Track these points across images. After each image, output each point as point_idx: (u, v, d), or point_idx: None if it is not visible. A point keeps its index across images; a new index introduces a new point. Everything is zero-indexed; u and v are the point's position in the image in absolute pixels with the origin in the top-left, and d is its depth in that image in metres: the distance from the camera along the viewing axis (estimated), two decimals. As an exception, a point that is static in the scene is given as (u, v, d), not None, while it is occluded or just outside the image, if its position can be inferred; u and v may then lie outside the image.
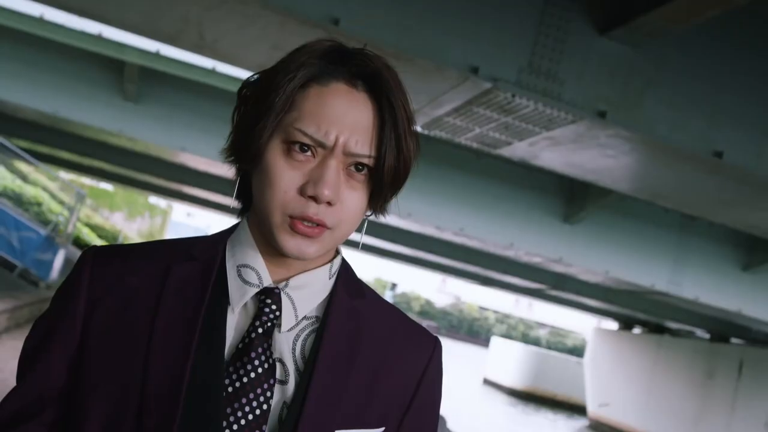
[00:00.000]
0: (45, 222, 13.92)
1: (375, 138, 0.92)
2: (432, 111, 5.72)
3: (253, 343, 0.93)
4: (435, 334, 1.06)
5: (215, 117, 10.49)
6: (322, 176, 0.89)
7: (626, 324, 22.91)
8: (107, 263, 0.98)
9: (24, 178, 16.93)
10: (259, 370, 0.92)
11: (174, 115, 10.64)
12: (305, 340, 0.96)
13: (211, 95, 10.44)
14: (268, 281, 0.96)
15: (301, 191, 0.90)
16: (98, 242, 22.83)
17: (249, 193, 1.00)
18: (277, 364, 0.94)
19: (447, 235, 13.04)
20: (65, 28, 9.43)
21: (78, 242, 19.92)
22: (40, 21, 9.40)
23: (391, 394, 0.99)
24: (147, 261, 0.97)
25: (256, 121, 0.92)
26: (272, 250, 0.96)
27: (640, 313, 18.37)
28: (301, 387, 0.93)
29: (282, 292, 0.96)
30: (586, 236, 12.12)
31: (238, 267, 0.97)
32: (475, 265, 16.08)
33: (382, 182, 0.94)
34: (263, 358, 0.93)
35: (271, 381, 0.93)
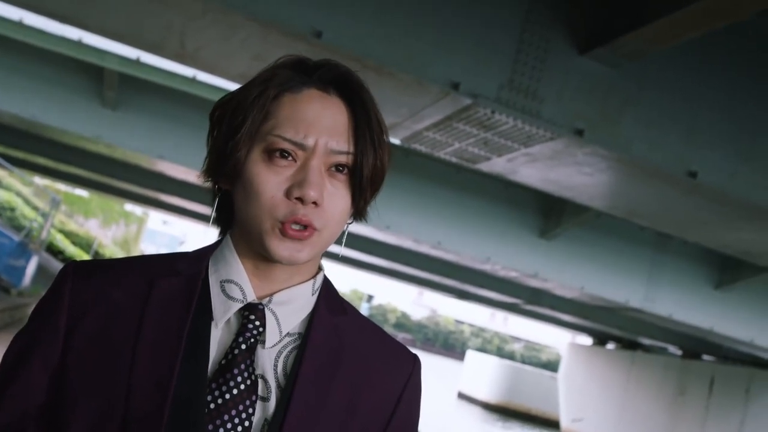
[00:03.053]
0: (18, 228, 13.72)
1: (352, 137, 0.95)
2: (412, 125, 5.76)
3: (236, 360, 0.93)
4: (414, 352, 1.07)
5: (195, 126, 10.45)
6: (305, 177, 0.91)
7: (600, 340, 23.06)
8: (88, 277, 0.97)
9: (-2, 182, 16.71)
10: (242, 386, 0.92)
11: (153, 123, 10.58)
12: (287, 356, 0.97)
13: (191, 104, 10.40)
14: (251, 297, 0.96)
15: (287, 194, 0.92)
16: (72, 249, 22.59)
17: (228, 213, 1.01)
18: (260, 381, 0.94)
19: (424, 248, 13.06)
20: (44, 32, 9.34)
21: (52, 248, 19.65)
22: (20, 25, 9.31)
23: (371, 411, 0.99)
24: (130, 275, 0.97)
25: (233, 136, 0.93)
26: (257, 266, 0.97)
27: (615, 329, 18.50)
28: (282, 404, 0.94)
29: (266, 308, 0.96)
30: (562, 252, 12.20)
31: (221, 282, 0.97)
32: (451, 278, 16.12)
33: (363, 181, 0.96)
34: (246, 374, 0.93)
35: (253, 397, 0.93)
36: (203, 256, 1.00)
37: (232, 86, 9.23)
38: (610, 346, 22.64)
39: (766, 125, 5.49)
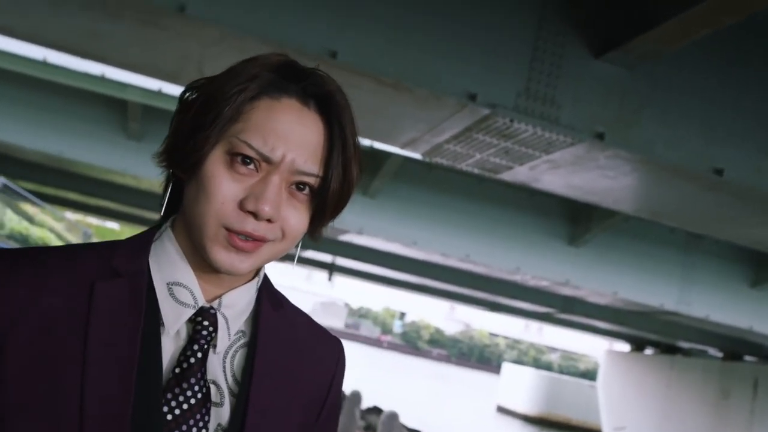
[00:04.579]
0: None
1: (322, 159, 0.90)
2: (432, 138, 5.77)
3: (192, 368, 0.89)
4: (339, 337, 1.08)
5: (218, 152, 10.61)
6: (263, 192, 0.86)
7: (638, 345, 22.73)
8: (14, 275, 0.85)
9: (30, 219, 17.04)
10: (198, 395, 0.89)
11: (177, 152, 10.75)
12: (233, 357, 0.94)
13: (213, 131, 10.55)
14: (202, 301, 0.91)
15: (241, 205, 0.87)
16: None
17: (175, 201, 0.96)
18: (211, 386, 0.91)
19: (452, 262, 13.03)
20: (68, 70, 9.57)
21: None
22: (44, 64, 9.55)
23: (311, 401, 1.00)
24: (64, 277, 0.87)
25: (200, 128, 0.87)
26: (202, 265, 0.91)
27: (652, 334, 18.24)
28: (239, 409, 0.91)
29: (218, 313, 0.92)
30: (593, 258, 12.10)
31: (168, 285, 0.91)
32: (482, 290, 16.04)
33: (325, 205, 0.92)
34: (202, 383, 0.89)
35: (208, 405, 0.89)
36: (141, 249, 0.92)
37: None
38: (649, 351, 22.30)
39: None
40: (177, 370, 0.89)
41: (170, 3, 4.41)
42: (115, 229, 39.15)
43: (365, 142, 8.23)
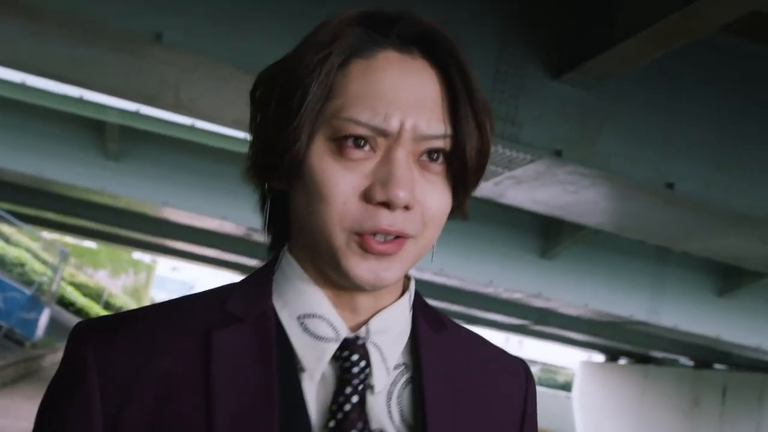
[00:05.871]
0: (29, 282, 14.01)
1: (448, 114, 0.72)
2: (401, 157, 6.03)
3: (349, 418, 0.71)
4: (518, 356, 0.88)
5: (196, 171, 10.78)
6: (391, 174, 0.68)
7: (612, 356, 23.07)
8: (114, 342, 0.70)
9: (6, 239, 17.04)
10: None
11: (156, 171, 10.90)
12: (399, 397, 0.75)
13: (191, 150, 10.72)
14: (345, 331, 0.74)
15: (366, 197, 0.69)
16: (82, 300, 22.71)
17: (284, 221, 0.79)
18: None
19: (427, 276, 13.26)
20: (46, 92, 9.73)
21: (63, 301, 19.91)
22: (23, 87, 9.70)
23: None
24: (173, 332, 0.71)
25: (288, 119, 0.70)
26: (335, 288, 0.74)
27: (625, 344, 18.56)
28: None
29: (368, 343, 0.74)
30: (564, 270, 12.36)
31: (299, 318, 0.73)
32: (457, 303, 16.28)
33: (466, 169, 0.73)
34: None
35: None
36: (261, 286, 0.75)
37: (231, 131, 9.57)
38: (622, 361, 22.64)
39: (738, 134, 5.74)
40: (332, 424, 0.71)
41: (147, 31, 4.62)
42: (92, 248, 38.95)
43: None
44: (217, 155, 10.52)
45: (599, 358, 24.61)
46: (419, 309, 0.81)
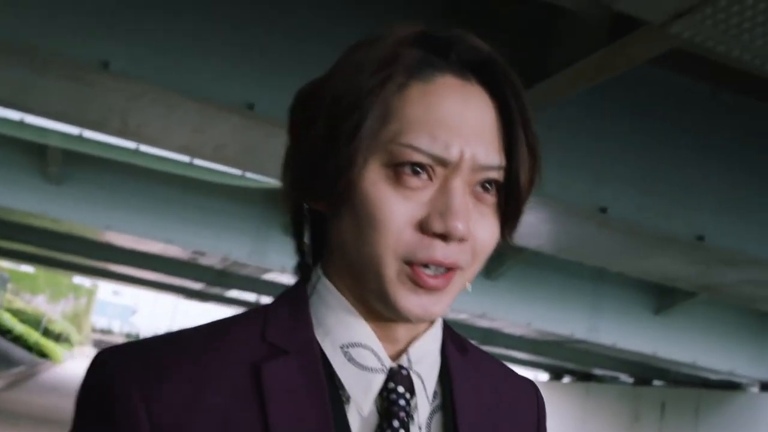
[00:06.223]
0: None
1: (502, 144, 0.70)
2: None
3: None
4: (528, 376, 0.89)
5: (141, 195, 10.71)
6: (450, 205, 0.66)
7: (556, 374, 23.51)
8: (162, 379, 0.66)
9: (-59, 265, 16.53)
10: None
11: (99, 195, 10.79)
12: (429, 425, 0.74)
13: (135, 174, 10.65)
14: (388, 361, 0.72)
15: (422, 228, 0.67)
16: (20, 327, 22.03)
17: (316, 242, 0.77)
18: None
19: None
20: (-14, 115, 9.56)
21: (0, 328, 19.31)
22: (-39, 110, 9.52)
23: None
24: (220, 365, 0.68)
25: (339, 141, 0.67)
26: (372, 315, 0.72)
27: (568, 363, 18.96)
28: None
29: (411, 372, 0.72)
30: (508, 291, 12.57)
31: (343, 348, 0.71)
32: (404, 325, 16.38)
33: (519, 200, 0.72)
34: None
35: None
36: (299, 313, 0.72)
37: (176, 156, 9.54)
38: (566, 379, 23.08)
39: (666, 161, 6.06)
40: None
41: (95, 60, 4.68)
42: (30, 273, 37.86)
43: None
44: (162, 178, 10.49)
45: (544, 377, 25.03)
46: (446, 333, 0.80)
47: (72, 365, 37.28)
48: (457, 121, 0.67)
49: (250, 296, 18.39)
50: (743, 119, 6.22)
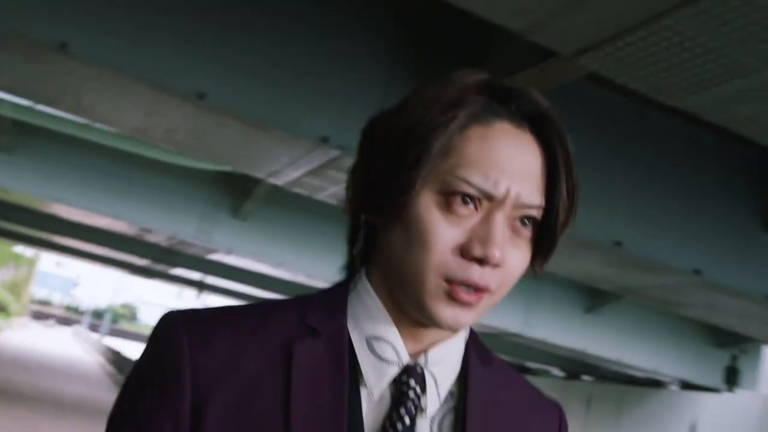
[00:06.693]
0: None
1: (544, 187, 0.81)
2: (292, 172, 6.45)
3: None
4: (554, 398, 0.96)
5: (91, 169, 10.76)
6: (491, 235, 0.77)
7: (493, 366, 24.14)
8: (209, 341, 0.79)
9: None
10: None
11: (48, 167, 10.81)
12: (441, 423, 0.83)
13: (87, 148, 10.69)
14: (406, 357, 0.82)
15: (463, 251, 0.77)
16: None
17: (365, 248, 0.86)
18: None
19: (318, 282, 13.63)
20: (-64, 81, 9.49)
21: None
22: None
23: None
24: (259, 338, 0.80)
25: (403, 167, 0.78)
26: (403, 318, 0.82)
27: (504, 355, 19.55)
28: None
29: (425, 370, 0.82)
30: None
31: (368, 339, 0.82)
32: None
33: (553, 239, 0.84)
34: None
35: None
36: (338, 305, 0.84)
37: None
38: (502, 371, 23.72)
39: (585, 168, 6.45)
40: None
41: (53, 41, 4.85)
42: (-30, 239, 36.93)
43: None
44: (113, 154, 10.56)
45: (481, 367, 25.69)
46: (472, 342, 0.88)
47: (9, 335, 36.51)
48: (507, 163, 0.78)
49: (195, 275, 18.47)
50: (667, 137, 6.67)
